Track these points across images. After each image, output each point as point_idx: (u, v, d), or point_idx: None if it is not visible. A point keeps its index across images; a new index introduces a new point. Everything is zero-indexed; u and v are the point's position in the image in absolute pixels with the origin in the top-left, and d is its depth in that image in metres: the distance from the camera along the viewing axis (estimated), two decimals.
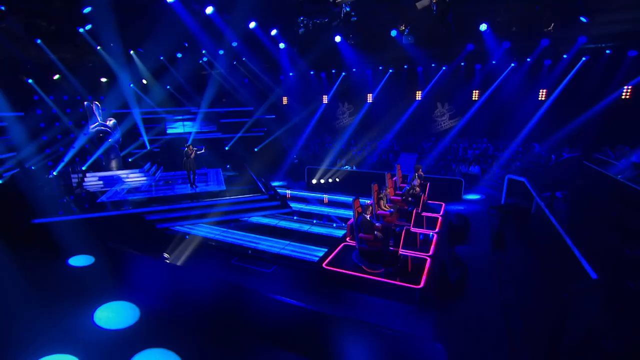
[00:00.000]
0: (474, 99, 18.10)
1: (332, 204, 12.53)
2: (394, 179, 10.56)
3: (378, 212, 7.97)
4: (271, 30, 13.31)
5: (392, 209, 8.09)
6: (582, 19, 11.32)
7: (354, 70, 19.15)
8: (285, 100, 20.87)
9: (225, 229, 9.84)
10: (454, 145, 17.99)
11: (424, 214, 9.35)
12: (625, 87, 14.12)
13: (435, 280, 6.72)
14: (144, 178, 14.19)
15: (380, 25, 13.28)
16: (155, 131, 17.97)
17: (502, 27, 12.57)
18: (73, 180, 12.81)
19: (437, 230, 8.91)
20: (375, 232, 6.77)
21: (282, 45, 14.67)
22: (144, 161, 15.91)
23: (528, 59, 15.81)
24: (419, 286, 6.22)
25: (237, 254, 8.30)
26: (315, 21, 13.88)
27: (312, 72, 20.00)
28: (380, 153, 18.29)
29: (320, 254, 7.91)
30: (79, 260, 8.28)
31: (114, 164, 14.39)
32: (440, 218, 9.70)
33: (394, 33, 13.08)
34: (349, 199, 12.93)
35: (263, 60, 17.12)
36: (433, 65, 18.07)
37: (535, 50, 14.75)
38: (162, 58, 15.73)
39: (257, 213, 10.97)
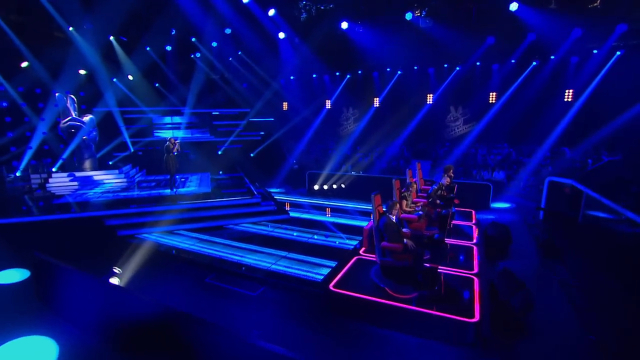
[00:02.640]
0: (490, 101, 16.54)
1: (337, 211, 10.61)
2: (414, 179, 8.67)
3: (402, 215, 6.03)
4: (268, 10, 11.65)
5: (420, 211, 6.14)
6: None
7: (360, 72, 17.72)
8: (285, 105, 19.36)
9: (207, 237, 7.87)
10: (471, 151, 16.21)
11: (451, 221, 7.45)
12: None
13: (490, 309, 4.74)
14: (122, 180, 12.32)
15: (393, 8, 11.63)
16: (140, 133, 16.18)
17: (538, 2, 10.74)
18: (34, 181, 10.93)
19: (474, 241, 6.97)
20: (405, 241, 4.82)
21: (282, 35, 13.05)
22: (126, 164, 14.07)
23: (552, 57, 14.34)
24: (474, 319, 4.22)
25: (214, 269, 6.31)
26: (319, 7, 12.35)
27: (314, 76, 18.56)
28: (389, 160, 16.53)
29: (326, 271, 5.94)
30: (8, 276, 6.34)
31: (87, 164, 12.55)
32: (474, 227, 7.79)
33: (409, 16, 11.46)
34: (357, 206, 11.18)
35: (261, 55, 15.49)
36: (446, 65, 16.71)
37: (564, 43, 13.22)
38: (148, 49, 14.09)
39: (247, 219, 9.02)
